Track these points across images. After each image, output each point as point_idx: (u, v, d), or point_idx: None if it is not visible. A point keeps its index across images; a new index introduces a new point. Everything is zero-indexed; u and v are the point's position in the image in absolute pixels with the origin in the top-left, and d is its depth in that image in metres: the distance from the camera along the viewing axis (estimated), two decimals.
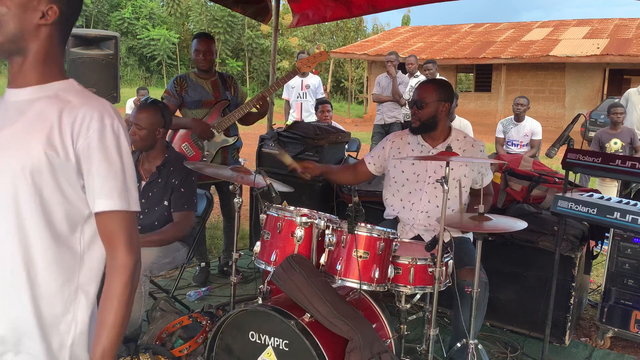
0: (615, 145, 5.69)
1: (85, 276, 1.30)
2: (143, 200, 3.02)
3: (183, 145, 3.74)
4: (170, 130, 3.50)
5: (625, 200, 2.68)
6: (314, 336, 2.05)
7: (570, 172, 2.86)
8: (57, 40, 1.26)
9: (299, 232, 2.34)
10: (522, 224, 2.41)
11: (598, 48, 17.44)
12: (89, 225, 1.29)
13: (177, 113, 3.84)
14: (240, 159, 2.92)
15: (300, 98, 6.98)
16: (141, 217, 2.98)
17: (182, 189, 3.01)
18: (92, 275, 1.32)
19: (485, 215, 2.41)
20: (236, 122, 3.88)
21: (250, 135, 8.22)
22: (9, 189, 1.20)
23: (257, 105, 3.86)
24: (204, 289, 3.77)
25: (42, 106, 1.23)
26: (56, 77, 1.27)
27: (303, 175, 2.96)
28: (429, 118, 2.84)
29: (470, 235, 2.90)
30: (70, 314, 1.29)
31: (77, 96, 1.25)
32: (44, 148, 1.19)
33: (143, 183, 3.06)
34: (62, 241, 1.25)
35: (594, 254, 3.70)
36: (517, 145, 6.20)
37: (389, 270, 2.32)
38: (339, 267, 2.26)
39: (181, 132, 3.77)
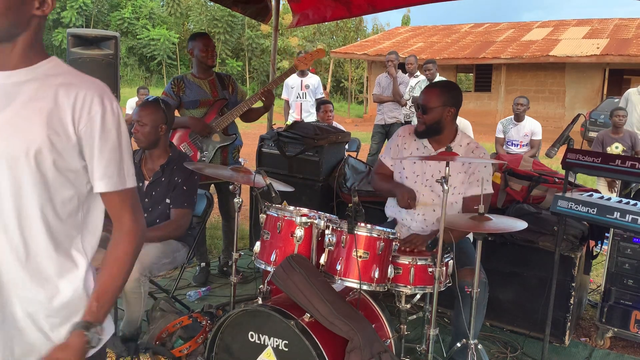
0: (616, 149, 5.71)
1: (86, 241, 1.33)
2: (146, 200, 3.01)
3: (182, 145, 3.73)
4: None
5: (625, 200, 2.67)
6: (314, 336, 2.05)
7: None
8: (43, 25, 1.26)
9: (299, 232, 2.34)
10: (522, 224, 2.40)
11: (598, 48, 17.44)
12: (88, 200, 1.32)
13: (176, 113, 3.84)
14: (240, 159, 2.91)
15: (300, 98, 6.97)
16: (145, 215, 2.97)
17: (185, 187, 3.01)
18: (92, 242, 1.35)
19: (485, 215, 2.41)
20: (235, 121, 3.87)
21: (250, 135, 8.23)
22: (6, 175, 1.19)
23: (262, 98, 3.85)
24: (204, 289, 3.77)
25: (34, 88, 1.21)
26: (41, 57, 1.25)
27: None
28: (434, 123, 2.78)
29: (470, 235, 2.90)
30: (67, 279, 1.29)
31: (69, 76, 1.24)
32: (46, 132, 1.18)
33: (146, 183, 3.04)
34: (63, 219, 1.27)
35: (594, 254, 3.70)
36: (517, 145, 6.20)
37: (389, 270, 2.32)
38: (338, 267, 2.26)
39: (179, 132, 3.76)
